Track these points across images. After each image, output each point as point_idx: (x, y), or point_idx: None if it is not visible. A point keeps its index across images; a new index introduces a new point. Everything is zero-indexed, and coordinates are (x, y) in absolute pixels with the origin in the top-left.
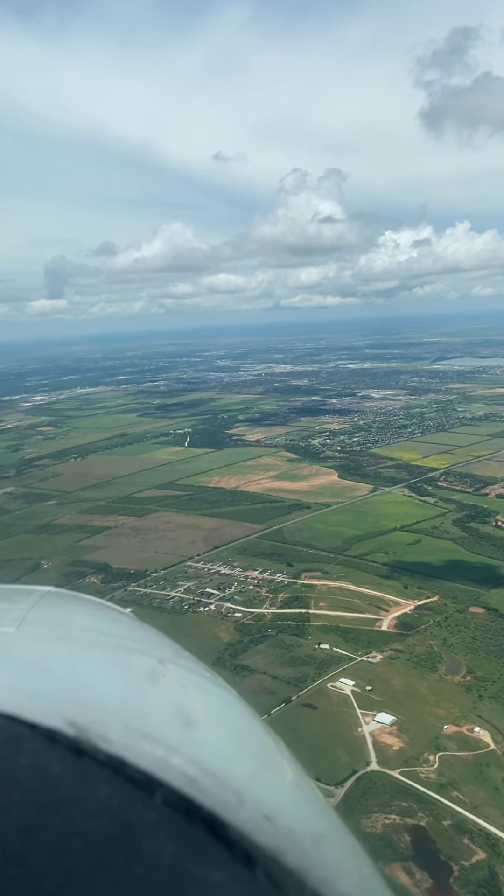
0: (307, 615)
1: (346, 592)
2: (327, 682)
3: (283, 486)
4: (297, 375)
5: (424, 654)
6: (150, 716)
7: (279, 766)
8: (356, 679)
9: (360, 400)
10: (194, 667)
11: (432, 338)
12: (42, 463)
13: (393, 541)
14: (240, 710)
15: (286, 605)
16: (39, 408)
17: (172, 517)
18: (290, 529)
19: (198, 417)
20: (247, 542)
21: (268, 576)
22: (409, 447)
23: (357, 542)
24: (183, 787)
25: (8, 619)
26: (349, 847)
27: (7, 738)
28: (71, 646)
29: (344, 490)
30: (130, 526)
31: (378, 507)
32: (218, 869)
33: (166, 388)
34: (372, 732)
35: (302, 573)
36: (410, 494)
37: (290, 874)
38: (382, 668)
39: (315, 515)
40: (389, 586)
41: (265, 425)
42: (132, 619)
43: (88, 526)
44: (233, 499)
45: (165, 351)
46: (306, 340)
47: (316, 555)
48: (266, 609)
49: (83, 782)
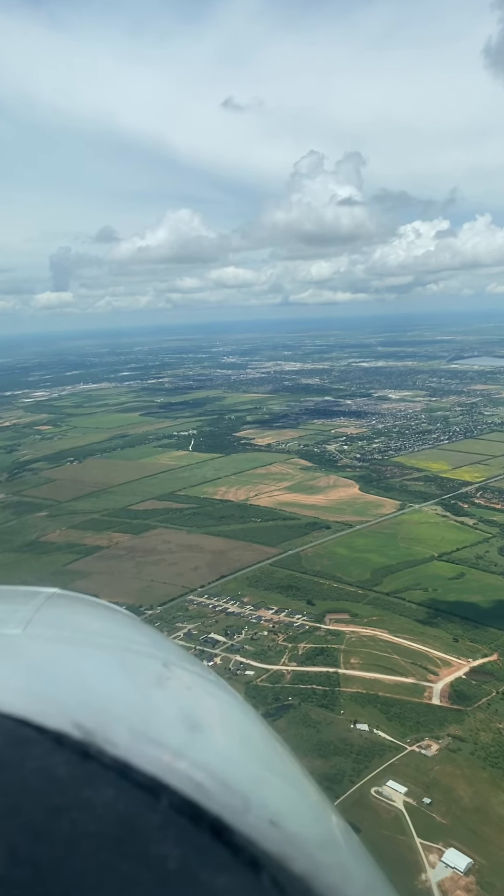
0: (336, 677)
1: (382, 644)
2: (370, 783)
3: (297, 499)
4: (308, 374)
5: (493, 744)
6: (156, 720)
7: (285, 770)
8: (409, 782)
9: (377, 401)
10: (199, 670)
11: (446, 336)
12: (36, 467)
13: (430, 573)
14: (245, 714)
15: (309, 661)
16: (40, 404)
17: (173, 535)
18: (309, 555)
19: (203, 418)
20: (259, 571)
21: (285, 617)
22: (435, 456)
23: (388, 574)
24: (189, 792)
25: (14, 620)
26: (355, 853)
27: (14, 740)
28: (77, 648)
29: (367, 506)
30: (126, 546)
31: (409, 530)
32: (224, 874)
33: (171, 385)
34: (441, 884)
35: (326, 615)
36: (444, 514)
37: (296, 880)
38: (441, 767)
39: (337, 538)
40: (434, 637)
41: (275, 428)
42: (137, 621)
43: (79, 545)
44: (241, 514)
45: (171, 347)
46: (315, 337)
47: (341, 590)
48: (284, 665)
49: (89, 786)
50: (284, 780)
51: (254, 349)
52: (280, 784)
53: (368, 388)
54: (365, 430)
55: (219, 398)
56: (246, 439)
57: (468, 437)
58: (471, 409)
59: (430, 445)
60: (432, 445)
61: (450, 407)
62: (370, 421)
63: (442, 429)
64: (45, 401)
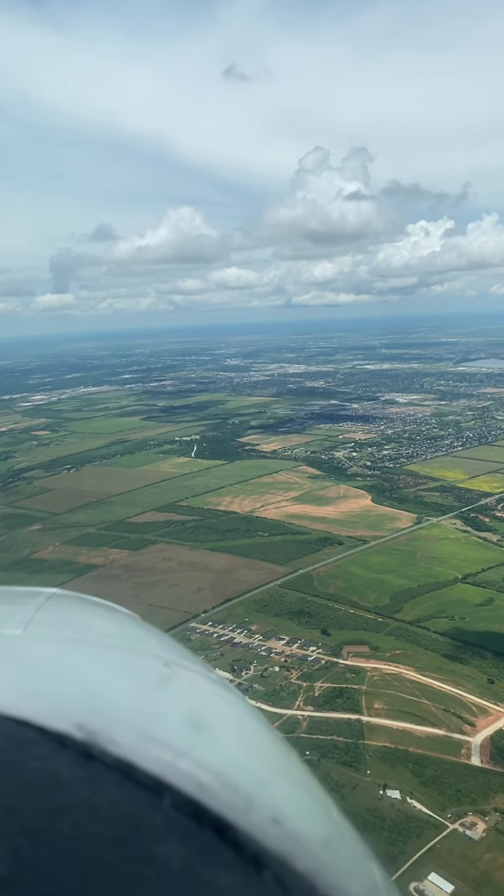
0: (359, 725)
1: (408, 685)
2: (408, 876)
3: (306, 511)
4: (312, 376)
5: None
6: (158, 719)
7: (287, 769)
8: (455, 876)
9: (384, 405)
10: (201, 669)
11: (450, 338)
12: (31, 475)
13: (455, 598)
14: (247, 714)
15: (327, 705)
16: (38, 409)
17: (174, 552)
18: (321, 575)
19: (206, 422)
20: (267, 594)
21: (298, 649)
22: (450, 464)
23: (409, 598)
24: (191, 791)
25: (14, 621)
26: (358, 851)
27: (16, 742)
28: (78, 648)
29: (381, 519)
30: (123, 564)
31: (428, 546)
32: (227, 873)
33: (173, 388)
34: None
35: (343, 647)
36: (465, 528)
37: (299, 878)
38: (492, 856)
39: (351, 556)
40: (465, 676)
41: (281, 433)
42: (138, 620)
43: (73, 563)
44: (248, 528)
45: (174, 349)
46: (318, 339)
47: (358, 618)
48: (299, 710)
49: (92, 786)
50: (287, 778)
51: (257, 351)
52: (282, 783)
53: (375, 392)
54: (374, 436)
55: (222, 401)
56: (250, 445)
57: (482, 444)
58: (482, 413)
59: (443, 452)
60: (446, 452)
61: (460, 411)
62: (379, 426)
63: (454, 434)
64: (43, 405)
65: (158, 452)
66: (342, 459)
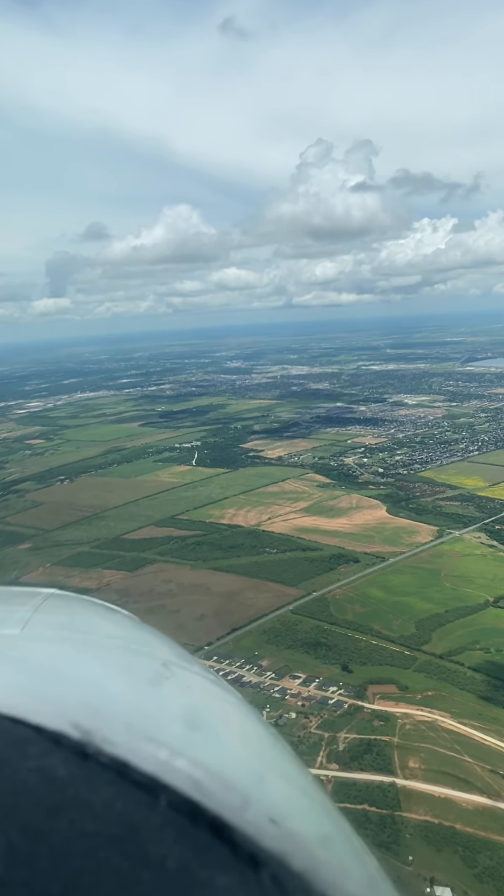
0: (393, 790)
1: (445, 737)
2: None
3: (317, 523)
4: (316, 378)
5: None
6: (154, 718)
7: (284, 768)
8: None
9: (393, 407)
10: (199, 669)
11: (455, 337)
12: (23, 487)
13: (488, 625)
14: (244, 713)
15: (355, 761)
16: (34, 416)
17: (174, 572)
18: (338, 599)
19: (207, 427)
20: (278, 621)
21: (316, 690)
22: (468, 470)
23: (437, 626)
24: (188, 790)
25: (12, 621)
26: (355, 849)
27: (12, 740)
28: (75, 648)
29: (398, 533)
30: (118, 587)
31: (453, 564)
32: (223, 872)
33: (172, 392)
34: None
35: (368, 686)
36: (491, 542)
37: (296, 877)
38: None
39: (368, 575)
40: None
41: (286, 438)
42: (136, 621)
43: (63, 588)
44: (254, 543)
45: (173, 352)
46: (321, 340)
47: (383, 650)
48: (323, 769)
49: (88, 785)
50: (284, 777)
51: (258, 353)
52: (279, 782)
53: (382, 393)
54: (384, 440)
55: (223, 405)
56: (254, 451)
57: (500, 448)
58: (496, 415)
59: (459, 457)
60: (462, 457)
61: (473, 413)
62: (388, 429)
63: (469, 438)
64: (39, 412)
65: (157, 460)
66: (352, 466)
